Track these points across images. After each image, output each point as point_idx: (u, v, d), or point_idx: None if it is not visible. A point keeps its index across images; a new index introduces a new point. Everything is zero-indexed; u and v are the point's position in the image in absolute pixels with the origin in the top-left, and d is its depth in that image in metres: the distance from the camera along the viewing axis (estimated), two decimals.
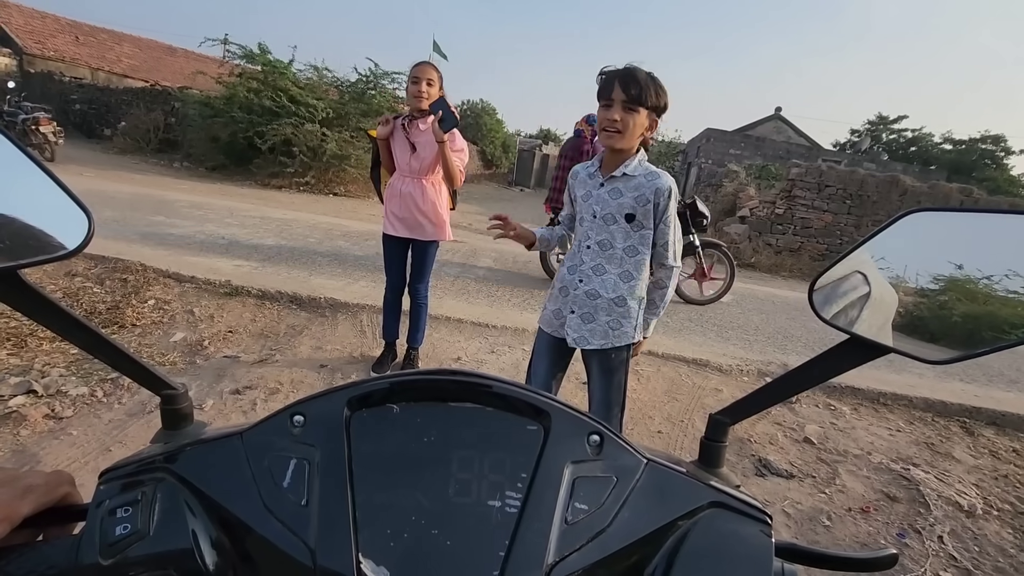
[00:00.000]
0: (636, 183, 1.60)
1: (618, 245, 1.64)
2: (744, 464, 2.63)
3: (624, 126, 1.50)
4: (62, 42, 20.68)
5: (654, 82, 1.50)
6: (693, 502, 0.39)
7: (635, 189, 1.59)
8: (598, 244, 1.67)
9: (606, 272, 1.67)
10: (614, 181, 1.62)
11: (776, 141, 19.91)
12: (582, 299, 1.70)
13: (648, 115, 1.52)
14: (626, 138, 1.52)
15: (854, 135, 33.62)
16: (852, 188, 10.09)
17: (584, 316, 1.71)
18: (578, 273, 1.72)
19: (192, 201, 7.82)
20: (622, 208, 1.61)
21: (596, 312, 1.69)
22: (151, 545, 0.35)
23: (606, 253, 1.66)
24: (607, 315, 1.68)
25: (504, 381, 0.40)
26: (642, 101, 1.48)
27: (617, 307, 1.67)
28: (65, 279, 3.70)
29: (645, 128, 1.55)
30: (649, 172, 1.60)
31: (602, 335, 1.70)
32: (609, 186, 1.63)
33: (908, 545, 2.15)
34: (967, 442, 3.24)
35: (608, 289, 1.67)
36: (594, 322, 1.70)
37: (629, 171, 1.60)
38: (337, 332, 3.58)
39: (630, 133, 1.52)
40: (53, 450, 2.04)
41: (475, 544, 0.34)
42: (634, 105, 1.48)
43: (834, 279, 0.51)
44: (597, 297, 1.68)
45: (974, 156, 29.63)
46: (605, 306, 1.67)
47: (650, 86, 1.48)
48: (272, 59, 11.97)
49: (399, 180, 2.75)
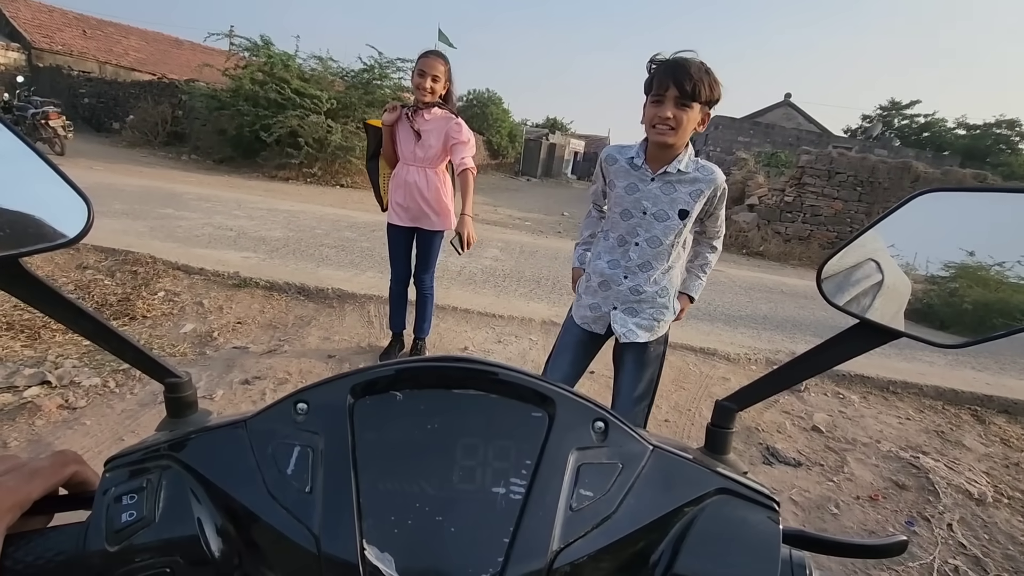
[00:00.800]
0: (691, 178, 1.55)
1: (667, 241, 1.60)
2: (752, 452, 2.62)
3: (678, 123, 1.43)
4: (70, 36, 20.73)
5: (708, 75, 1.41)
6: (699, 488, 0.39)
7: (690, 184, 1.55)
8: (647, 241, 1.62)
9: (653, 268, 1.64)
10: (667, 177, 1.56)
11: (786, 128, 19.63)
12: (626, 295, 1.68)
13: (701, 110, 1.45)
14: (680, 135, 1.46)
15: (865, 121, 33.09)
16: (863, 175, 9.96)
17: (627, 311, 1.69)
18: (622, 269, 1.68)
19: (200, 193, 7.86)
20: (675, 204, 1.56)
21: (640, 306, 1.67)
22: (157, 532, 0.35)
23: (655, 250, 1.62)
24: (651, 307, 1.67)
25: (508, 368, 0.40)
26: (696, 96, 1.40)
27: (660, 298, 1.67)
28: (76, 272, 3.75)
29: (698, 123, 1.47)
30: (701, 167, 1.56)
31: (647, 328, 1.69)
32: (660, 182, 1.57)
33: (917, 533, 2.14)
34: (978, 430, 3.22)
35: (651, 284, 1.65)
36: (638, 316, 1.68)
37: (683, 167, 1.54)
38: (345, 322, 3.60)
39: (683, 130, 1.45)
40: (67, 440, 2.08)
41: (479, 531, 0.34)
42: (688, 101, 1.41)
43: (846, 265, 0.50)
44: (641, 292, 1.66)
45: (988, 141, 29.05)
46: (649, 299, 1.66)
47: (704, 79, 1.39)
48: (276, 51, 11.95)
49: (403, 169, 2.74)
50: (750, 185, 11.60)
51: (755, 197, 10.93)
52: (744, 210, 10.98)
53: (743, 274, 7.55)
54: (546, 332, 3.90)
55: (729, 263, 8.38)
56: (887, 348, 1.91)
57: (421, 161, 2.71)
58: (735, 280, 6.87)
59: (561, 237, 9.26)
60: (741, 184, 11.92)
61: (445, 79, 2.61)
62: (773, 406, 3.15)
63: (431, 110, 2.64)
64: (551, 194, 18.89)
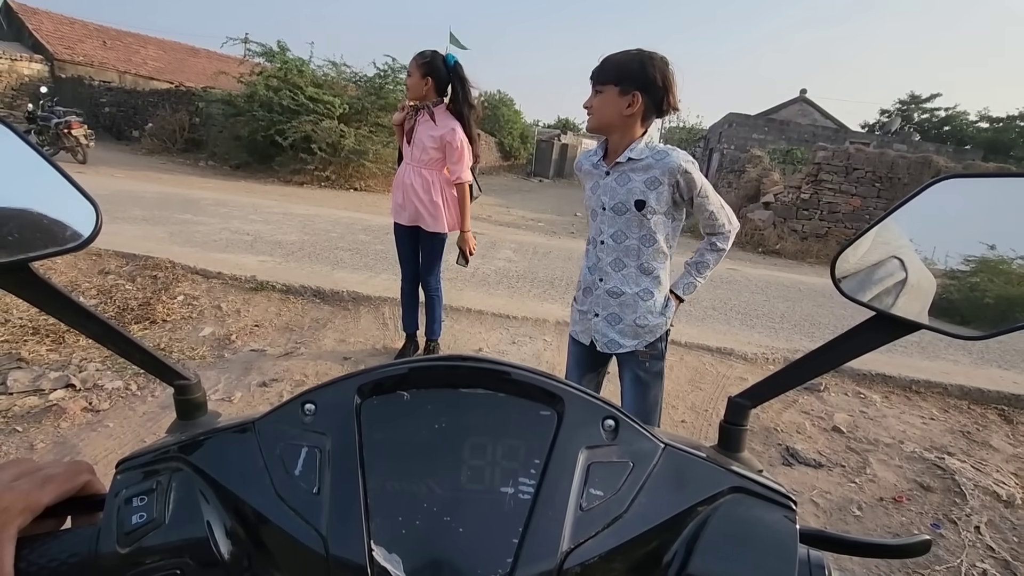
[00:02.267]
0: (644, 165, 1.50)
1: (633, 235, 1.55)
2: (771, 453, 2.58)
3: (593, 108, 1.49)
4: (90, 47, 21.20)
5: (627, 55, 1.43)
6: (713, 487, 0.38)
7: (644, 171, 1.50)
8: (612, 237, 1.58)
9: (625, 266, 1.58)
10: (619, 168, 1.54)
11: (801, 124, 19.36)
12: (604, 299, 1.62)
13: (621, 91, 1.44)
14: (596, 118, 1.50)
15: (884, 115, 32.44)
16: (882, 171, 9.78)
17: (610, 318, 1.62)
18: (597, 271, 1.64)
19: (217, 199, 7.98)
20: (631, 194, 1.51)
21: (622, 311, 1.60)
22: (167, 534, 0.35)
23: (622, 246, 1.57)
24: (633, 312, 1.59)
25: (516, 366, 0.39)
26: (606, 79, 1.45)
27: (643, 301, 1.58)
28: (98, 277, 3.83)
29: (624, 106, 1.45)
30: (656, 151, 1.50)
31: (632, 335, 1.60)
32: (615, 173, 1.55)
33: (943, 536, 2.09)
34: (1005, 430, 3.13)
35: (630, 283, 1.58)
36: (621, 323, 1.61)
37: (635, 155, 1.50)
38: (360, 325, 3.62)
39: (598, 112, 1.49)
40: (91, 442, 2.12)
41: (488, 531, 0.34)
42: (600, 86, 1.46)
43: (868, 262, 0.48)
44: (620, 294, 1.59)
45: (1012, 134, 28.29)
46: (631, 302, 1.58)
47: (616, 61, 1.44)
48: (290, 57, 12.11)
49: (402, 168, 2.81)
50: (765, 183, 11.45)
51: (771, 195, 10.78)
52: (759, 208, 10.85)
53: (759, 273, 7.45)
54: (560, 333, 3.89)
55: (745, 262, 8.28)
56: (910, 347, 1.88)
57: (417, 162, 2.73)
58: (751, 279, 6.78)
59: (574, 238, 9.23)
60: (756, 182, 11.78)
61: (420, 75, 2.59)
62: (792, 406, 3.10)
63: (423, 112, 2.67)
64: (563, 195, 18.85)
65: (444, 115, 2.66)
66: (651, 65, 1.42)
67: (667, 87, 1.45)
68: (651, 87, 1.44)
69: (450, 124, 2.63)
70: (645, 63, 1.42)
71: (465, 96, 2.66)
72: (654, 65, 1.42)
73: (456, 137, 2.63)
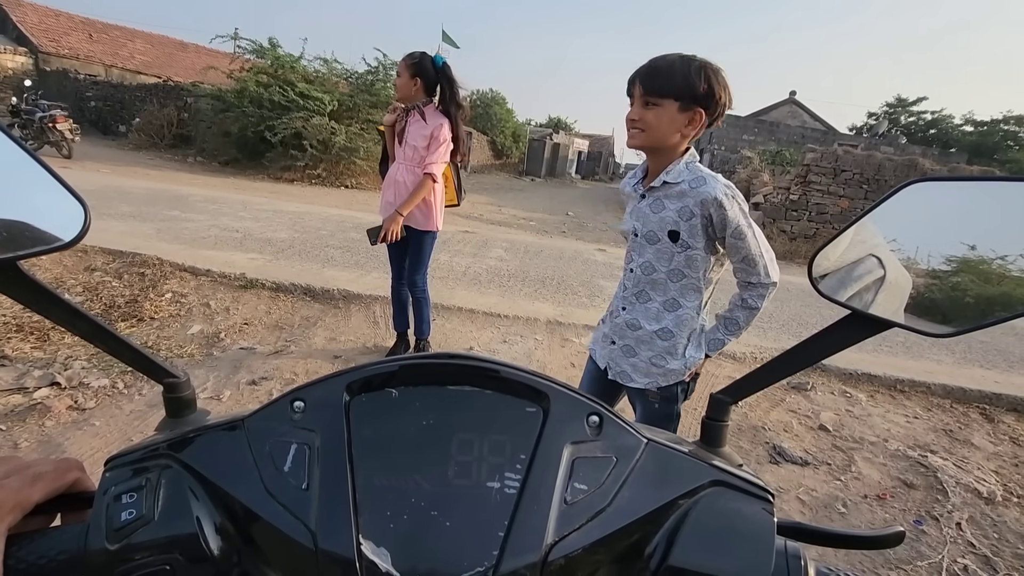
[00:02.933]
0: (679, 191, 1.32)
1: (661, 268, 1.38)
2: (758, 451, 2.61)
3: (645, 124, 1.29)
4: (76, 40, 20.91)
5: (688, 66, 1.24)
6: (694, 481, 0.39)
7: (678, 199, 1.33)
8: (641, 267, 1.43)
9: (650, 300, 1.43)
10: (654, 192, 1.37)
11: (791, 126, 19.56)
12: (622, 328, 1.49)
13: (681, 107, 1.26)
14: (649, 136, 1.30)
15: (871, 118, 32.82)
16: (869, 172, 9.90)
17: (626, 349, 1.48)
18: (620, 299, 1.51)
19: (206, 195, 7.91)
20: (664, 224, 1.34)
21: (638, 345, 1.45)
22: (156, 530, 0.35)
23: (649, 277, 1.41)
24: (649, 350, 1.43)
25: (503, 363, 0.40)
26: (664, 92, 1.25)
27: (661, 340, 1.42)
28: (85, 274, 3.78)
29: (683, 124, 1.28)
30: (695, 178, 1.31)
31: (644, 372, 1.45)
32: (650, 197, 1.39)
33: (926, 532, 2.13)
34: (987, 429, 3.19)
35: (650, 320, 1.43)
36: (636, 356, 1.46)
37: (671, 178, 1.33)
38: (351, 323, 3.61)
39: (653, 129, 1.29)
40: (77, 440, 2.10)
41: (475, 525, 0.34)
42: (655, 99, 1.26)
43: (846, 260, 0.50)
44: (638, 328, 1.44)
45: (996, 138, 28.73)
46: (647, 339, 1.43)
47: (675, 73, 1.24)
48: (281, 53, 12.02)
49: (394, 167, 2.80)
50: (755, 183, 11.55)
51: (760, 196, 10.87)
52: (750, 208, 10.94)
53: None
54: (551, 332, 3.90)
55: None
56: (895, 346, 1.92)
57: (409, 161, 2.74)
58: None
59: (566, 237, 9.25)
60: (746, 182, 11.88)
61: (409, 75, 2.62)
62: (780, 405, 3.14)
63: (414, 112, 2.69)
64: (555, 194, 18.88)
65: (434, 114, 2.69)
66: (716, 80, 1.25)
67: (726, 104, 1.28)
68: (714, 104, 1.27)
69: (439, 120, 2.67)
70: (711, 77, 1.24)
71: (452, 96, 2.69)
72: (719, 80, 1.25)
73: (442, 132, 2.66)
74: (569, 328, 3.99)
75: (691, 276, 1.38)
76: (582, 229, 10.65)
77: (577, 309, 4.50)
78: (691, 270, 1.37)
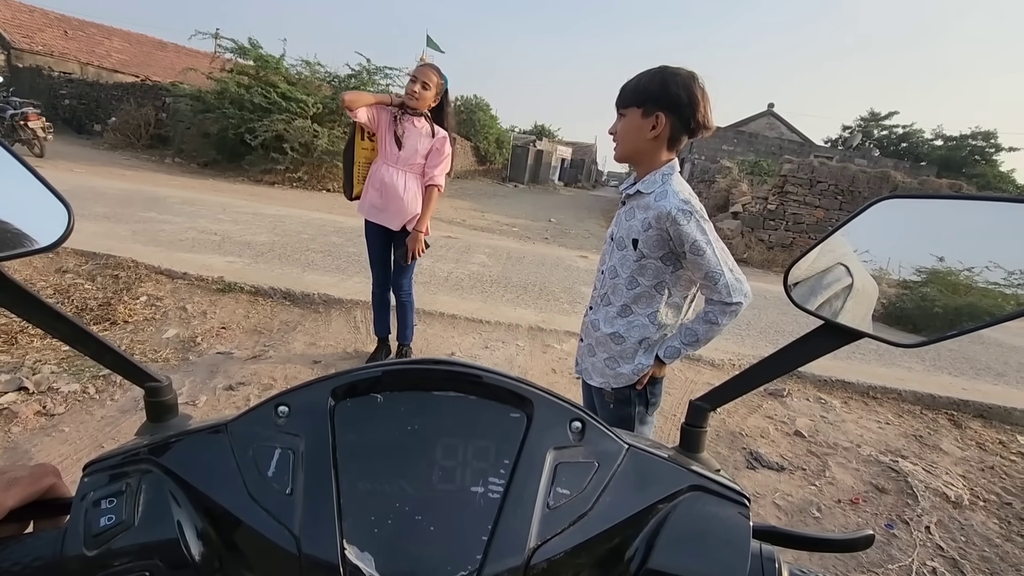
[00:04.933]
0: (646, 202, 1.36)
1: (622, 274, 1.43)
2: (736, 457, 2.65)
3: (618, 135, 1.38)
4: (50, 36, 20.41)
5: (648, 73, 1.30)
6: (673, 486, 0.40)
7: (644, 210, 1.36)
8: (607, 270, 1.48)
9: (610, 303, 1.47)
10: (631, 200, 1.43)
11: (769, 137, 19.97)
12: (588, 328, 1.55)
13: (644, 113, 1.30)
14: (621, 146, 1.38)
15: (845, 131, 33.73)
16: (844, 184, 10.16)
17: (588, 348, 1.55)
18: (591, 299, 1.57)
19: (184, 197, 7.76)
20: (631, 231, 1.39)
21: (597, 346, 1.50)
22: (136, 536, 0.35)
23: (612, 281, 1.46)
24: (604, 352, 1.48)
25: (487, 369, 0.41)
26: (628, 101, 1.32)
27: (613, 344, 1.45)
28: (55, 276, 3.68)
29: (648, 129, 1.31)
30: (660, 191, 1.33)
31: (600, 372, 1.51)
32: (628, 204, 1.44)
33: (896, 536, 2.18)
34: (955, 434, 3.29)
35: (607, 322, 1.47)
36: (595, 356, 1.51)
37: (644, 188, 1.37)
38: (331, 328, 3.57)
39: (622, 138, 1.37)
40: (45, 447, 2.04)
41: (458, 529, 0.35)
42: (623, 109, 1.34)
43: (816, 270, 0.52)
44: (598, 329, 1.49)
45: (964, 152, 29.81)
46: (603, 341, 1.48)
47: (640, 80, 1.30)
48: (263, 54, 11.89)
49: (382, 168, 2.75)
50: (734, 193, 11.76)
51: (739, 205, 11.07)
52: (728, 217, 11.12)
53: None
54: (532, 337, 3.91)
55: None
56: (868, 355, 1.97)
57: (405, 165, 2.73)
58: None
59: (548, 243, 9.29)
60: (725, 192, 12.09)
61: (436, 90, 2.65)
62: (757, 411, 3.19)
63: (419, 119, 2.68)
64: (538, 200, 18.96)
65: (427, 125, 2.73)
66: (673, 82, 1.28)
67: (694, 104, 1.29)
68: (676, 106, 1.29)
69: (443, 132, 2.75)
70: (667, 80, 1.28)
71: (447, 108, 2.79)
72: (677, 81, 1.28)
73: (446, 145, 2.75)
74: (551, 334, 4.01)
75: (644, 284, 1.40)
76: (564, 236, 10.71)
77: (559, 315, 4.52)
78: (644, 279, 1.40)
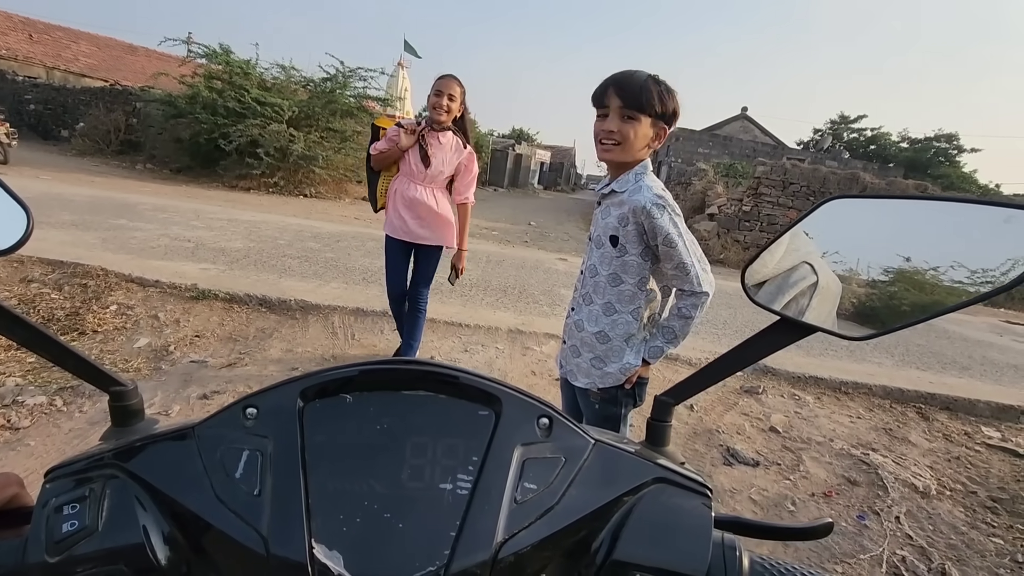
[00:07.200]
0: (620, 199, 1.38)
1: (603, 272, 1.44)
2: (712, 454, 2.69)
3: (623, 137, 1.31)
4: (14, 40, 19.79)
5: (658, 85, 1.30)
6: (638, 478, 0.41)
7: (619, 207, 1.38)
8: (588, 269, 1.50)
9: (592, 303, 1.47)
10: (606, 199, 1.45)
11: (743, 140, 20.37)
12: (571, 329, 1.55)
13: (653, 124, 1.32)
14: (627, 151, 1.33)
15: (817, 134, 34.57)
16: (815, 185, 10.41)
17: (572, 349, 1.54)
18: (572, 300, 1.58)
19: (156, 204, 7.59)
20: (608, 229, 1.41)
21: (582, 346, 1.50)
22: (100, 541, 0.35)
23: (593, 280, 1.47)
24: (590, 352, 1.48)
25: (456, 368, 0.41)
26: (643, 108, 1.28)
27: (600, 343, 1.45)
28: (20, 285, 3.56)
29: (651, 139, 1.33)
30: (634, 187, 1.36)
31: (586, 373, 1.50)
32: (604, 204, 1.46)
33: (868, 526, 2.24)
34: (922, 427, 3.39)
35: (592, 322, 1.47)
36: (580, 357, 1.51)
37: (618, 186, 1.39)
38: (308, 334, 3.53)
39: (631, 146, 1.32)
40: (9, 461, 1.97)
41: (427, 526, 0.35)
42: (634, 113, 1.29)
43: (782, 269, 0.54)
44: (583, 329, 1.49)
45: (929, 154, 30.86)
46: (589, 341, 1.47)
47: (652, 89, 1.28)
48: (234, 59, 11.71)
49: (408, 186, 2.74)
50: (710, 195, 11.96)
51: (715, 207, 11.27)
52: (705, 219, 11.31)
53: None
54: (512, 341, 3.92)
55: None
56: (840, 351, 2.04)
57: (433, 181, 2.75)
58: None
59: (528, 247, 9.32)
60: (702, 194, 12.29)
61: (460, 101, 2.65)
62: (733, 408, 3.24)
63: (444, 134, 2.68)
64: (518, 204, 19.01)
65: (453, 139, 2.72)
66: (671, 97, 1.31)
67: (676, 119, 1.36)
68: (671, 120, 1.34)
69: (469, 148, 2.76)
70: (669, 95, 1.31)
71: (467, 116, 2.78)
72: (674, 97, 1.32)
73: (473, 162, 2.80)
74: (530, 337, 4.02)
75: (627, 282, 1.42)
76: (544, 239, 10.75)
77: (538, 318, 4.54)
78: (627, 275, 1.41)
